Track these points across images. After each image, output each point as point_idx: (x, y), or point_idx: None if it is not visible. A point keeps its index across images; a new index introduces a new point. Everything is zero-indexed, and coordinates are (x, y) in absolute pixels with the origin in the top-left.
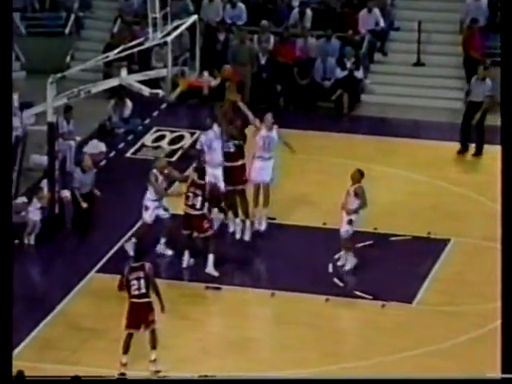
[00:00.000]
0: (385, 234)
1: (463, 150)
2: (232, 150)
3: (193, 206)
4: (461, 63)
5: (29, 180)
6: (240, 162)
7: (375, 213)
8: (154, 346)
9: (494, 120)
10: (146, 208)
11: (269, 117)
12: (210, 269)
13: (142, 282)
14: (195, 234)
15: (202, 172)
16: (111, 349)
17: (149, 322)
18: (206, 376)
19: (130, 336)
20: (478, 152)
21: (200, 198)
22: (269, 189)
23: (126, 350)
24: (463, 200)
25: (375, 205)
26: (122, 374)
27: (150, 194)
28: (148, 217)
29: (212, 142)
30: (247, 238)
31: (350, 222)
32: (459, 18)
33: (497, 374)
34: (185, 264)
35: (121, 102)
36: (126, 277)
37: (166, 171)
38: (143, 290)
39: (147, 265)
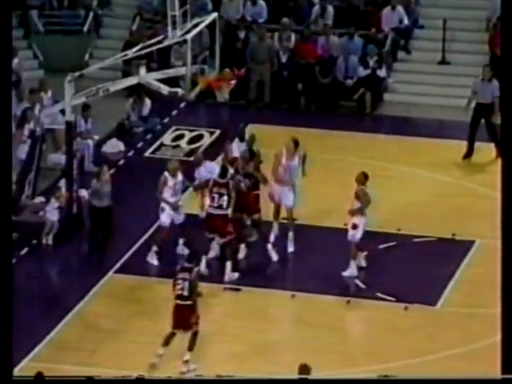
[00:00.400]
0: (408, 235)
1: (468, 155)
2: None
3: (220, 207)
4: (487, 62)
5: (47, 179)
6: (254, 192)
7: (398, 214)
8: (190, 348)
9: None
10: (163, 210)
11: (291, 145)
12: (229, 276)
13: (187, 284)
14: (216, 240)
15: (223, 170)
16: (130, 350)
17: (190, 324)
18: (221, 376)
19: (173, 334)
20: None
21: (226, 198)
22: (292, 212)
23: (165, 343)
24: (488, 201)
25: (398, 206)
26: (153, 364)
27: (166, 195)
28: (164, 219)
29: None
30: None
31: (355, 227)
32: (485, 16)
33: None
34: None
35: (139, 100)
36: (175, 275)
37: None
38: (186, 293)
39: (195, 269)
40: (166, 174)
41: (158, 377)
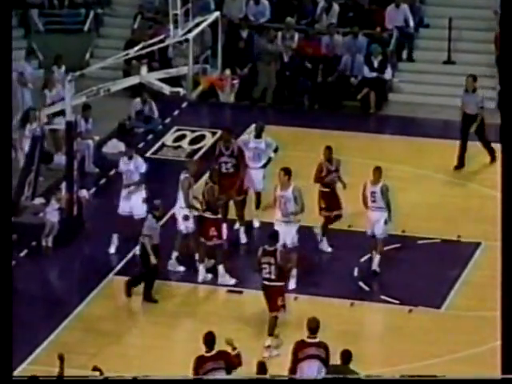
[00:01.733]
0: (413, 237)
1: (460, 166)
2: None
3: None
4: (493, 61)
5: (48, 180)
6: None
7: (403, 215)
8: (270, 333)
9: None
10: (186, 218)
11: (281, 175)
12: (223, 279)
13: (273, 268)
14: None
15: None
16: (130, 354)
17: (277, 307)
18: None
19: (273, 318)
20: (493, 158)
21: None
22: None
23: (270, 332)
24: (495, 202)
25: (403, 207)
26: (263, 359)
27: (192, 201)
28: (187, 227)
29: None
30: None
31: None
32: (493, 13)
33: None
34: (200, 278)
35: (146, 103)
36: (259, 258)
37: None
38: (273, 276)
39: (279, 251)
40: (188, 176)
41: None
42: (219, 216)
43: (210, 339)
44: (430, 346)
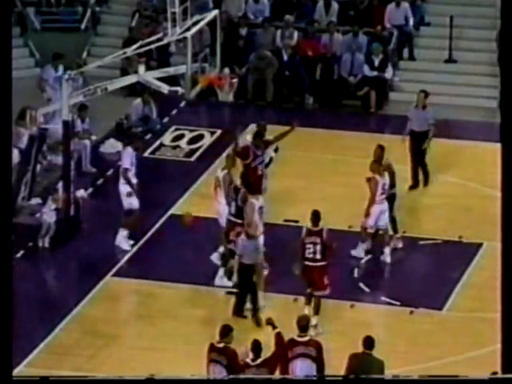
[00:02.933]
0: (414, 238)
1: (415, 185)
2: None
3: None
4: (495, 60)
5: (45, 180)
6: None
7: (404, 215)
8: (316, 312)
9: None
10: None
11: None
12: (221, 281)
13: (318, 247)
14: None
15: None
16: (128, 356)
17: (324, 286)
18: None
19: (318, 298)
20: (426, 182)
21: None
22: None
23: (316, 312)
24: (496, 203)
25: (404, 207)
26: (311, 336)
27: (222, 199)
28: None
29: None
30: None
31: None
32: (495, 12)
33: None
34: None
35: (146, 102)
36: (303, 238)
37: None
38: (318, 256)
39: (325, 230)
40: (227, 171)
41: None
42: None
43: (257, 346)
44: (431, 348)
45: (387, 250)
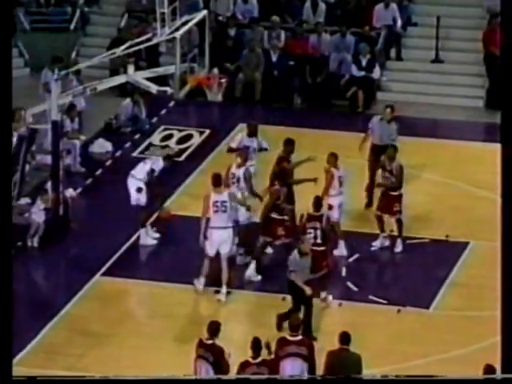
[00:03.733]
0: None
1: (370, 204)
2: None
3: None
4: (481, 60)
5: (34, 180)
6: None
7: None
8: (324, 288)
9: None
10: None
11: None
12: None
13: (319, 232)
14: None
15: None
16: (118, 354)
17: (321, 267)
18: None
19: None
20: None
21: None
22: None
23: (324, 288)
24: (483, 202)
25: None
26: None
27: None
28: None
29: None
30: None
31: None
32: (485, 9)
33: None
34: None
35: (137, 102)
36: (304, 223)
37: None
38: (319, 240)
39: (325, 215)
40: (246, 166)
41: None
42: (285, 217)
43: (257, 344)
44: (418, 346)
45: (399, 241)
